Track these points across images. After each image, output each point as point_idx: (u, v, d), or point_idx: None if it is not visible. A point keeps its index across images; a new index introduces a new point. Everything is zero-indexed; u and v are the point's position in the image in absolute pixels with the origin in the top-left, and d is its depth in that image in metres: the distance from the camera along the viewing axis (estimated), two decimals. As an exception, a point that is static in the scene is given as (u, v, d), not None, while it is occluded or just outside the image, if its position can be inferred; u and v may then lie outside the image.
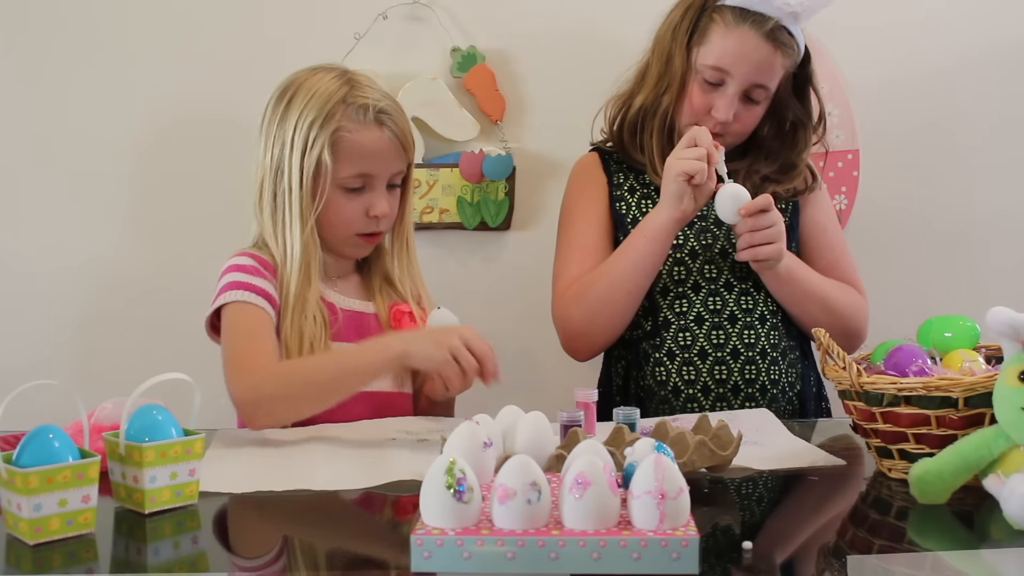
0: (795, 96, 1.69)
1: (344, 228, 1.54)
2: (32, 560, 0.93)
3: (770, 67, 1.60)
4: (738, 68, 1.59)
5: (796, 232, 1.71)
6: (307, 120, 1.49)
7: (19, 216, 1.95)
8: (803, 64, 1.67)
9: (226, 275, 1.50)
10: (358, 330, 1.56)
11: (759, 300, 1.66)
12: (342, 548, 1.00)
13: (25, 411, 0.99)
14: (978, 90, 2.13)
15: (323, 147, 1.48)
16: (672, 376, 1.63)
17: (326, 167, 1.49)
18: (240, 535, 1.06)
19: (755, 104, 1.63)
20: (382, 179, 1.53)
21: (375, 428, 1.44)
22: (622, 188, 1.71)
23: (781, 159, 1.70)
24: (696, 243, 1.66)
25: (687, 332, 1.64)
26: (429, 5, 1.99)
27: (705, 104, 1.62)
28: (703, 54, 1.61)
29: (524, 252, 1.98)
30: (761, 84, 1.61)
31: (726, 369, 1.62)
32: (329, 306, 1.54)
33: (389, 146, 1.53)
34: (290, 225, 1.51)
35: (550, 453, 1.11)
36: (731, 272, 1.66)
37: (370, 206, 1.52)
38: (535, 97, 2.04)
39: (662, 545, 0.86)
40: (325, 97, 1.50)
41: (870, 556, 0.96)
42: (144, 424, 1.06)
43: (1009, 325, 1.03)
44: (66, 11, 1.94)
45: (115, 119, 1.96)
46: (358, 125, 1.50)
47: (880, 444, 1.19)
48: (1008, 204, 2.15)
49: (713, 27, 1.61)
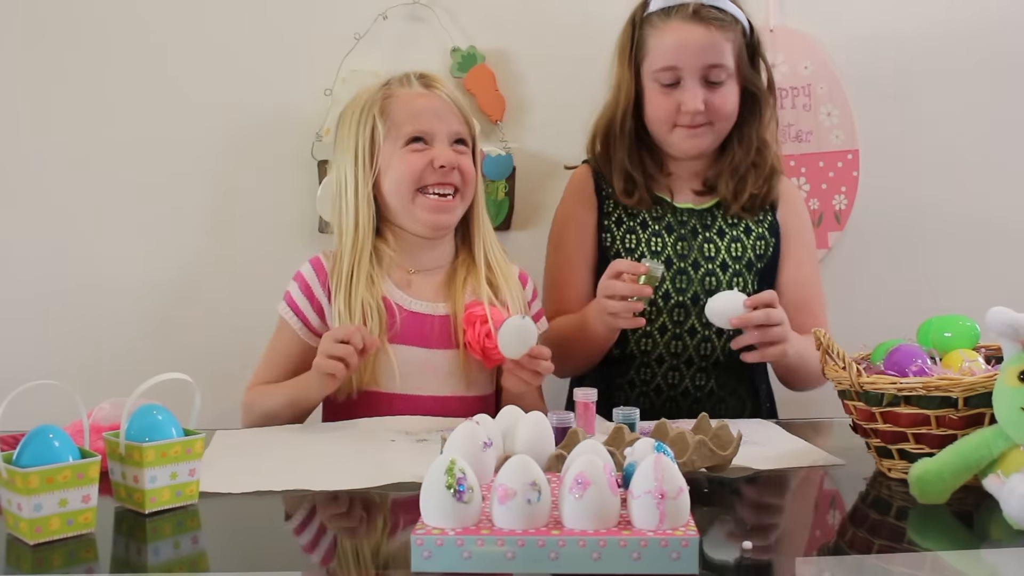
0: (752, 67, 1.70)
1: (410, 182, 1.54)
2: (32, 560, 0.93)
3: (713, 46, 1.63)
4: (684, 59, 1.62)
5: (773, 266, 1.72)
6: (357, 111, 1.58)
7: (19, 216, 1.95)
8: (751, 33, 1.69)
9: (290, 283, 1.60)
10: (420, 332, 1.55)
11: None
12: (342, 548, 1.00)
13: (25, 411, 0.99)
14: (978, 90, 2.12)
15: (374, 119, 1.55)
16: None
17: (379, 137, 1.55)
18: (240, 535, 1.06)
19: (720, 85, 1.64)
20: (441, 137, 1.56)
21: (375, 428, 1.45)
22: (610, 218, 1.72)
23: (754, 139, 1.70)
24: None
25: (647, 368, 1.70)
26: (429, 5, 1.99)
27: (672, 105, 1.64)
28: (650, 63, 1.66)
29: (524, 252, 1.97)
30: (715, 64, 1.63)
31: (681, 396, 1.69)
32: (388, 306, 1.54)
33: (441, 105, 1.57)
34: (346, 207, 1.57)
35: (550, 453, 1.11)
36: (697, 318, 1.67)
37: (434, 157, 1.54)
38: (535, 97, 2.04)
39: (662, 545, 0.86)
40: (372, 89, 1.60)
41: (870, 556, 0.96)
42: (144, 424, 1.06)
43: (1009, 325, 1.03)
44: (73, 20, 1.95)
45: (110, 121, 1.96)
46: (405, 90, 1.59)
47: (880, 444, 1.19)
48: (1008, 204, 2.15)
49: (648, 35, 1.66)
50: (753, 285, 1.69)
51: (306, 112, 1.96)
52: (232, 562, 0.97)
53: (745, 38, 1.67)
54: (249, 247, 1.99)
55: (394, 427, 1.44)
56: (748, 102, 1.70)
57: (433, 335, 1.56)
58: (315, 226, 1.97)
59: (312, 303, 1.57)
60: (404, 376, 1.52)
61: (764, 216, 1.73)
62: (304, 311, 1.57)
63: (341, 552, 0.99)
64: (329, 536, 1.04)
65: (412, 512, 0.94)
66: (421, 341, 1.55)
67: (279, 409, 1.52)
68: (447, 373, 1.55)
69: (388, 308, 1.54)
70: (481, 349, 1.49)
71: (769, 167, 1.71)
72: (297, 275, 1.60)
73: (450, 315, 1.57)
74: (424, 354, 1.54)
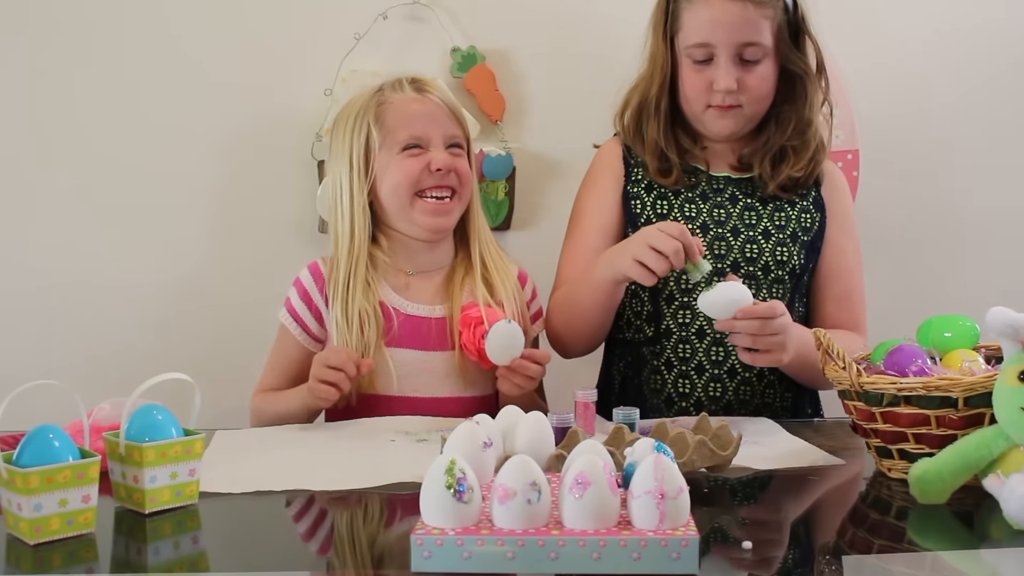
0: (794, 46, 1.63)
1: (407, 186, 1.55)
2: (32, 560, 0.93)
3: (749, 22, 1.56)
4: (718, 36, 1.56)
5: (819, 239, 1.65)
6: (351, 117, 1.58)
7: (19, 216, 1.95)
8: (794, 9, 1.61)
9: (290, 289, 1.61)
10: (417, 336, 1.56)
11: None
12: (342, 548, 1.00)
13: (25, 411, 0.99)
14: (978, 90, 2.13)
15: (369, 126, 1.56)
16: (667, 387, 1.62)
17: (375, 144, 1.55)
18: (240, 535, 1.06)
19: (755, 64, 1.58)
20: (437, 141, 1.56)
21: (375, 428, 1.45)
22: (639, 186, 1.66)
23: (793, 121, 1.64)
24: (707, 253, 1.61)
25: (687, 344, 1.61)
26: (429, 5, 1.99)
27: (704, 82, 1.59)
28: (683, 38, 1.60)
29: (524, 252, 1.97)
30: (750, 42, 1.56)
31: (721, 387, 1.61)
32: (385, 311, 1.55)
33: (435, 109, 1.58)
34: (342, 214, 1.58)
35: (550, 453, 1.11)
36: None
37: (431, 161, 1.55)
38: (535, 97, 2.04)
39: (662, 545, 0.86)
40: (365, 95, 1.60)
41: (870, 556, 0.96)
42: (144, 424, 1.06)
43: (1009, 325, 1.03)
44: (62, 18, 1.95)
45: (109, 124, 1.96)
46: (399, 96, 1.58)
47: (880, 444, 1.19)
48: (1008, 204, 2.15)
49: (682, 9, 1.60)
50: (799, 258, 1.63)
51: (306, 112, 1.96)
52: (232, 562, 0.97)
53: (787, 15, 1.60)
54: (249, 246, 1.99)
55: (394, 427, 1.44)
56: (787, 82, 1.63)
57: (431, 337, 1.56)
58: (315, 226, 1.98)
59: (311, 309, 1.58)
60: (401, 379, 1.53)
61: (808, 192, 1.67)
62: (303, 318, 1.58)
63: (341, 552, 0.99)
64: (329, 536, 1.04)
65: (412, 512, 0.94)
66: (418, 344, 1.55)
67: (286, 415, 1.54)
68: (444, 374, 1.56)
69: (386, 313, 1.55)
70: (477, 351, 1.48)
71: (813, 151, 1.64)
72: (296, 281, 1.60)
73: (447, 317, 1.57)
74: (421, 356, 1.55)
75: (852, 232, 1.70)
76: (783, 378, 1.64)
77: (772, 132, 1.65)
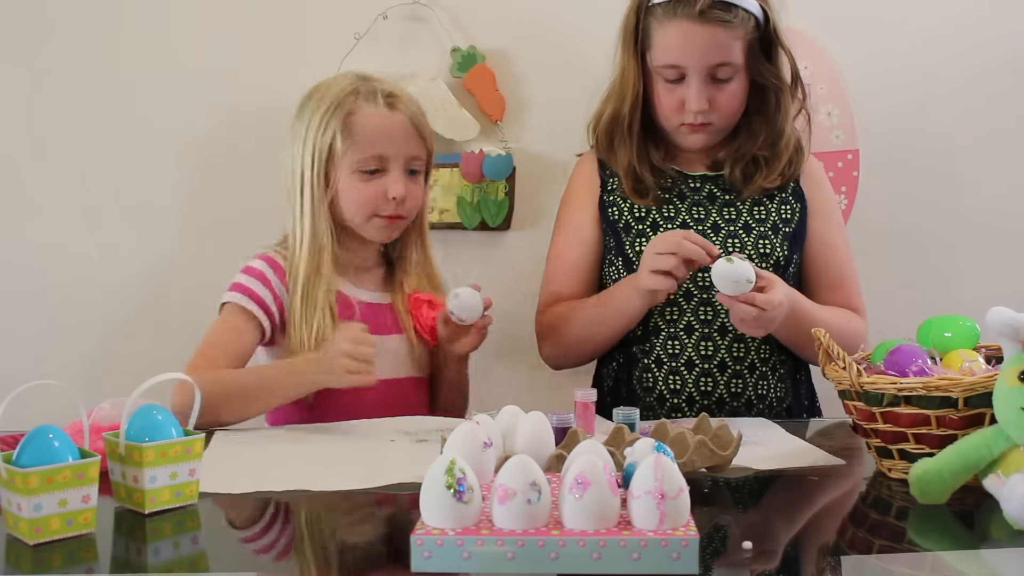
0: (766, 59, 1.63)
1: (363, 210, 1.57)
2: (32, 560, 0.93)
3: (719, 45, 1.56)
4: (688, 59, 1.57)
5: (802, 229, 1.67)
6: (320, 109, 1.57)
7: (19, 216, 1.95)
8: (765, 24, 1.61)
9: (238, 276, 1.58)
10: (375, 321, 1.58)
11: None
12: (342, 548, 1.00)
13: (25, 411, 0.99)
14: (978, 90, 2.13)
15: (335, 132, 1.55)
16: (658, 384, 1.63)
17: (338, 152, 1.55)
18: (240, 535, 1.06)
19: (726, 83, 1.60)
20: (398, 161, 1.57)
21: (375, 428, 1.45)
22: (614, 194, 1.69)
23: (764, 131, 1.65)
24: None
25: (676, 340, 1.62)
26: (429, 5, 1.99)
27: (676, 101, 1.61)
28: (654, 57, 1.61)
29: (524, 252, 1.98)
30: (721, 63, 1.57)
31: (712, 381, 1.61)
32: (343, 300, 1.58)
33: (402, 129, 1.58)
34: (302, 213, 1.57)
35: (550, 453, 1.11)
36: None
37: (387, 188, 1.56)
38: (535, 97, 2.04)
39: (662, 545, 0.86)
40: (338, 89, 1.58)
41: (870, 556, 0.96)
42: (144, 424, 1.06)
43: (1009, 325, 1.03)
44: (59, 18, 1.94)
45: (107, 125, 1.96)
46: (370, 108, 1.57)
47: (880, 444, 1.19)
48: (1008, 204, 2.15)
49: (652, 26, 1.60)
50: (783, 250, 1.63)
51: (306, 112, 1.96)
52: (232, 562, 0.97)
53: (759, 30, 1.60)
54: (249, 246, 1.98)
55: (393, 427, 1.45)
56: (759, 93, 1.65)
57: (386, 323, 1.62)
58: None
59: (273, 294, 1.57)
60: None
61: (786, 184, 1.68)
62: (265, 300, 1.56)
63: (341, 552, 0.99)
64: (329, 536, 1.04)
65: (412, 512, 0.94)
66: (377, 328, 1.56)
67: (261, 389, 1.48)
68: (403, 356, 1.63)
69: (347, 303, 1.59)
70: (429, 329, 1.61)
71: (786, 162, 1.65)
72: (249, 268, 1.58)
73: (391, 303, 1.64)
74: (382, 341, 1.56)
75: (835, 220, 1.74)
76: (775, 370, 1.65)
77: (743, 140, 1.67)
